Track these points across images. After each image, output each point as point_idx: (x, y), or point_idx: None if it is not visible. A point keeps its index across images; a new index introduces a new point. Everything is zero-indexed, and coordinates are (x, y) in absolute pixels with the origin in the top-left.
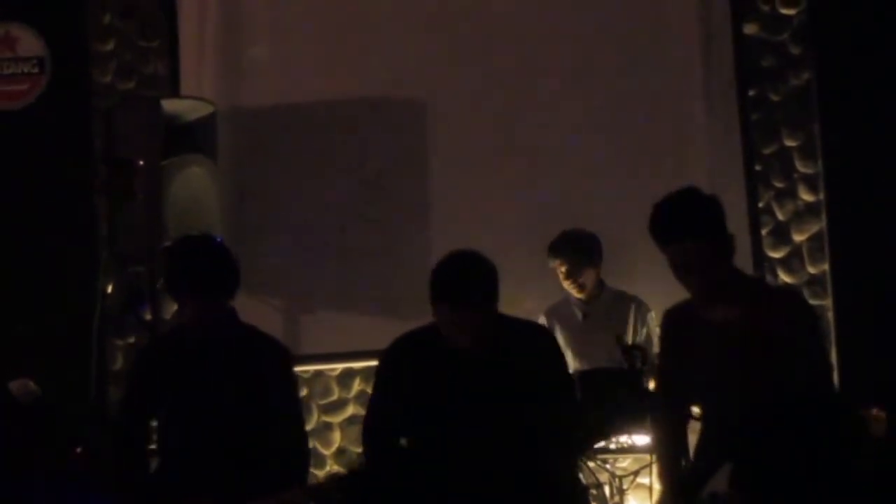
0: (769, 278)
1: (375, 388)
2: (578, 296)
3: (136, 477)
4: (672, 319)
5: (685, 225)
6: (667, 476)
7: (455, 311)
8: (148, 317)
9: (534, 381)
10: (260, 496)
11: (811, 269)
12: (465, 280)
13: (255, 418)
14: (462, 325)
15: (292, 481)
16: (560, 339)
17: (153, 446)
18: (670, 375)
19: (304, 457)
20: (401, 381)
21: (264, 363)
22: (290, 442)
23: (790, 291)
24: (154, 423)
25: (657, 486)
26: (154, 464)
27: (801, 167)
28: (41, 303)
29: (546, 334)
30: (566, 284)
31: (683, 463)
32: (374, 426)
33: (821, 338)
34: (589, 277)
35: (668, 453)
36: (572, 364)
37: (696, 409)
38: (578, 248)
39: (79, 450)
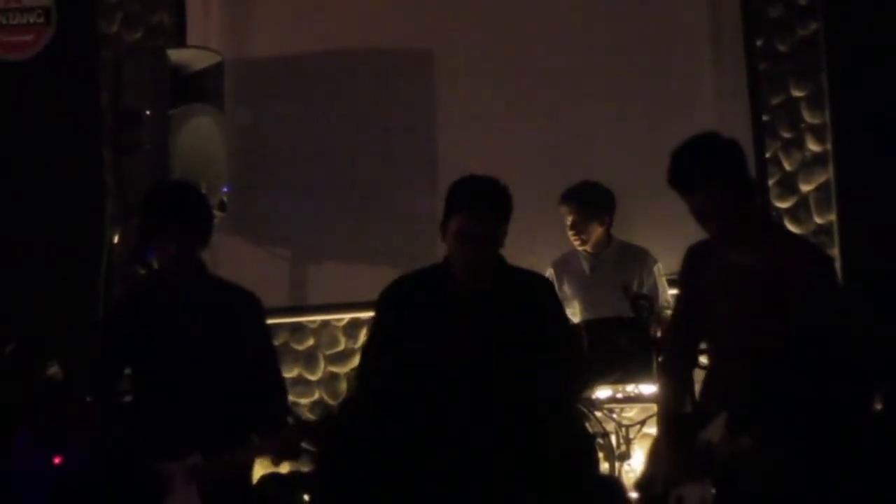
0: None
1: (374, 327)
2: (581, 248)
3: (112, 429)
4: (694, 256)
5: (703, 172)
6: (665, 419)
7: (474, 218)
8: (155, 265)
9: (532, 329)
10: (237, 445)
11: (818, 219)
12: (485, 189)
13: (228, 366)
14: (478, 236)
15: (268, 429)
16: (567, 290)
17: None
18: (685, 313)
19: (281, 404)
20: (400, 320)
21: (236, 312)
22: (266, 389)
23: (811, 244)
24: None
25: None
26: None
27: (809, 117)
28: (48, 253)
29: (547, 285)
30: (570, 235)
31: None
32: (372, 366)
33: (836, 293)
34: (593, 233)
35: (671, 397)
36: (580, 314)
37: (703, 360)
38: (588, 202)
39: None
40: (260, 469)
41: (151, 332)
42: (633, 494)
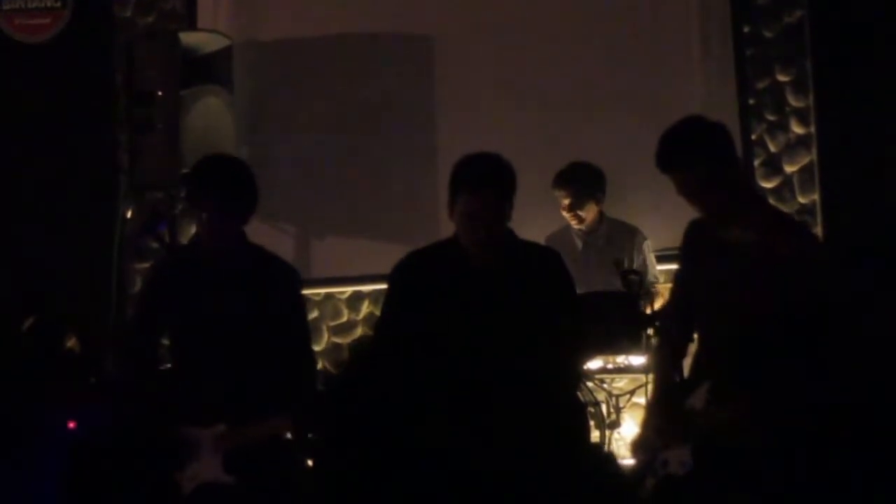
0: None
1: (387, 300)
2: (578, 227)
3: (150, 394)
4: (692, 231)
5: (686, 153)
6: (655, 389)
7: (480, 198)
8: (167, 238)
9: (542, 302)
10: (267, 415)
11: (801, 199)
12: (489, 168)
13: (263, 334)
14: (484, 214)
15: (301, 398)
16: None
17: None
18: (682, 287)
19: (312, 374)
20: (413, 294)
21: (274, 281)
22: (297, 358)
23: (799, 222)
24: (166, 342)
25: None
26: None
27: (793, 101)
28: (63, 229)
29: (556, 258)
30: (567, 216)
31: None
32: (386, 336)
33: (824, 268)
34: (590, 211)
35: (665, 367)
36: None
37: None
38: (582, 182)
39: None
40: None
41: (189, 300)
42: (626, 460)
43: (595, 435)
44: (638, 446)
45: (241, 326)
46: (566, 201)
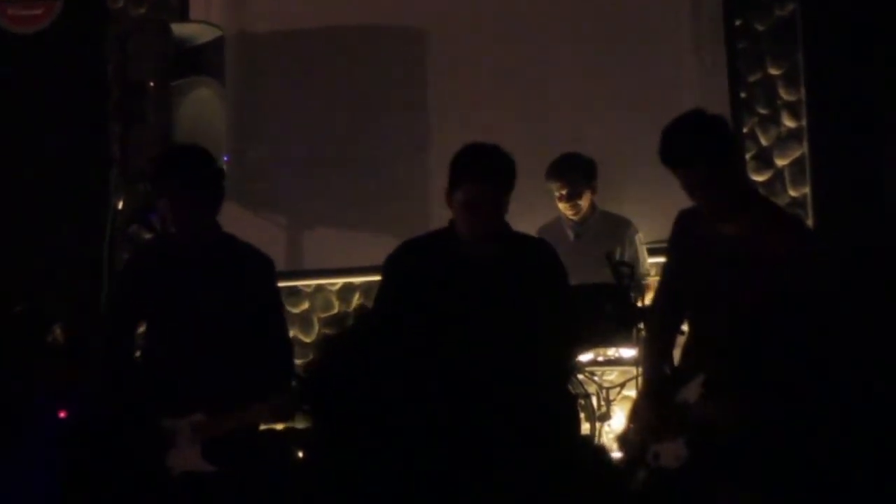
0: None
1: (381, 290)
2: (573, 217)
3: (125, 385)
4: (683, 222)
5: (693, 148)
6: (646, 381)
7: (482, 188)
8: (158, 227)
9: (536, 293)
10: (246, 402)
11: (792, 193)
12: (491, 158)
13: (239, 324)
14: (486, 204)
15: (277, 387)
16: None
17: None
18: (672, 279)
19: (289, 363)
20: (407, 282)
21: (248, 270)
22: (275, 347)
23: (795, 217)
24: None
25: None
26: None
27: (785, 94)
28: (55, 219)
29: (550, 250)
30: (563, 206)
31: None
32: (380, 323)
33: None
34: (586, 200)
35: (654, 359)
36: None
37: (685, 328)
38: (578, 172)
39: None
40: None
41: (164, 289)
42: (616, 453)
43: (585, 427)
44: (625, 440)
45: (217, 316)
46: (563, 192)
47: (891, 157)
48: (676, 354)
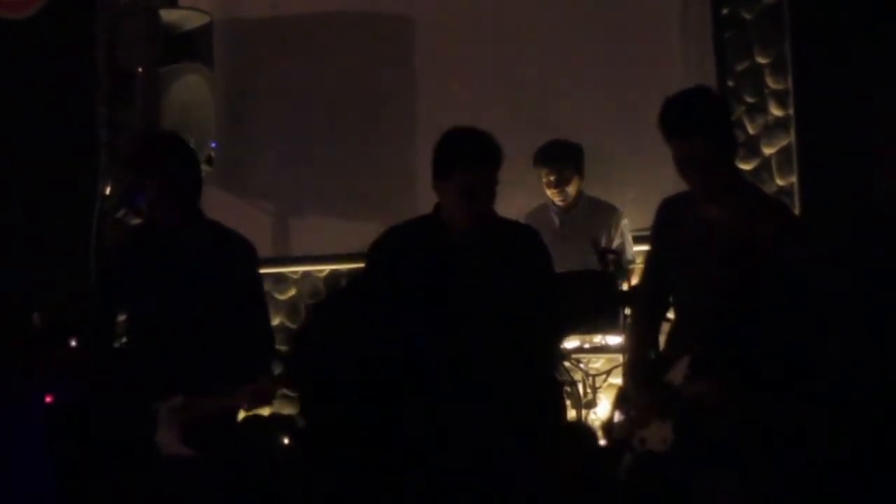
0: None
1: (364, 275)
2: (561, 203)
3: (107, 371)
4: (667, 208)
5: (694, 119)
6: (632, 366)
7: (478, 173)
8: (145, 209)
9: (520, 278)
10: (227, 387)
11: (779, 181)
12: (483, 144)
13: (221, 309)
14: (482, 189)
15: (258, 372)
16: None
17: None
18: (656, 265)
19: (270, 348)
20: (392, 269)
21: (229, 256)
22: (256, 333)
23: (781, 203)
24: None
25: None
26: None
27: (772, 83)
28: (43, 203)
29: (535, 236)
30: (551, 192)
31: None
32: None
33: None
34: (574, 186)
35: (639, 344)
36: None
37: (670, 315)
38: (566, 158)
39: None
40: (242, 412)
41: (146, 275)
42: (602, 441)
43: (571, 415)
44: (610, 428)
45: (200, 302)
46: (551, 177)
47: (878, 146)
48: (661, 341)
